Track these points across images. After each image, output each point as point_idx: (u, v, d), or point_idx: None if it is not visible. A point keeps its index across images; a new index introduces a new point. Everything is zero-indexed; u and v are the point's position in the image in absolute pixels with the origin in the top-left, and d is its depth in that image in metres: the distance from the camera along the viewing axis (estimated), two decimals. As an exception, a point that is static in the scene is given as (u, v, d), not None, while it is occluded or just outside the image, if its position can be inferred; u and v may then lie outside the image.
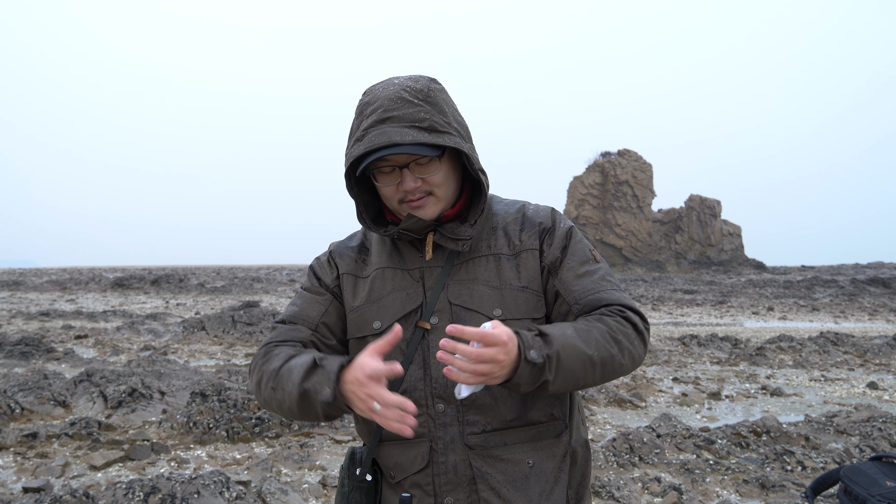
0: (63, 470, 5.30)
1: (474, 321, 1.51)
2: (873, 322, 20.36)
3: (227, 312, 16.12)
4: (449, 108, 1.54)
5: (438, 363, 1.51)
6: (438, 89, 1.54)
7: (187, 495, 4.20)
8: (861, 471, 2.71)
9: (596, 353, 1.44)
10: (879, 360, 11.59)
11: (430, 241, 1.59)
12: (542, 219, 1.63)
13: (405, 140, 1.44)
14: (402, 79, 1.54)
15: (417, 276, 1.58)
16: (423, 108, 1.48)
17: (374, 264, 1.64)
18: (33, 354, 11.38)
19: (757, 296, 30.03)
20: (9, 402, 6.89)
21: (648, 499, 4.70)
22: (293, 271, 49.27)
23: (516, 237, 1.60)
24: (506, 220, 1.64)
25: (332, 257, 1.70)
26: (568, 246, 1.60)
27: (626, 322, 1.51)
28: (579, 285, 1.55)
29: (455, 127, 1.52)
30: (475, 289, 1.55)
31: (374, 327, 1.58)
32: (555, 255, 1.58)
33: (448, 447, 1.51)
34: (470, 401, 1.51)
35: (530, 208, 1.67)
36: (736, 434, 6.14)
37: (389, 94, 1.49)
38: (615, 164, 57.53)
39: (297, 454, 5.61)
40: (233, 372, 9.53)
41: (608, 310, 1.52)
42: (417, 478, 1.53)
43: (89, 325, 17.75)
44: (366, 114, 1.50)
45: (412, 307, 1.56)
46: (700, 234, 58.01)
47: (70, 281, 40.84)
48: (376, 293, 1.60)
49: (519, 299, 1.55)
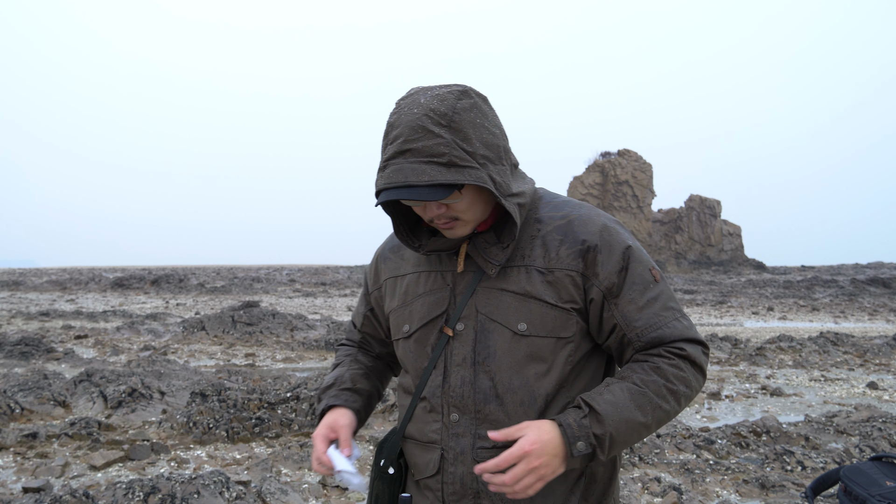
0: (63, 470, 5.30)
1: (497, 334, 1.50)
2: (873, 322, 20.36)
3: (226, 312, 16.12)
4: (476, 132, 1.44)
5: (458, 371, 1.52)
6: (466, 107, 1.44)
7: (187, 495, 4.20)
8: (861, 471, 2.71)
9: (651, 417, 1.43)
10: (879, 360, 11.59)
11: (464, 252, 1.56)
12: (588, 236, 1.51)
13: (420, 181, 1.39)
14: (428, 97, 1.44)
15: (449, 279, 1.57)
16: (442, 141, 1.40)
17: (411, 264, 1.65)
18: (33, 354, 11.38)
19: (757, 296, 30.04)
20: (9, 402, 6.89)
21: (648, 499, 4.70)
22: (293, 271, 49.27)
23: (554, 250, 1.51)
24: (548, 227, 1.54)
25: (377, 263, 1.75)
26: (627, 269, 1.50)
27: (685, 362, 1.46)
28: (641, 320, 1.48)
29: (481, 155, 1.43)
30: (503, 299, 1.51)
31: (403, 331, 1.61)
32: (611, 281, 1.49)
33: (458, 458, 1.52)
34: (484, 414, 1.50)
35: (578, 219, 1.54)
36: (736, 434, 6.14)
37: (411, 121, 1.42)
38: (615, 164, 57.53)
39: (297, 454, 5.61)
40: (233, 372, 9.53)
41: (667, 350, 1.47)
42: (430, 482, 1.56)
43: (89, 325, 17.75)
44: (389, 139, 1.45)
45: (438, 312, 1.56)
46: (700, 234, 58.01)
47: (70, 281, 40.85)
48: (409, 296, 1.62)
49: (546, 316, 1.49)
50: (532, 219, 1.56)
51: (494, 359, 1.49)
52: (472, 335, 1.52)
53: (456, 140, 1.41)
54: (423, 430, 1.56)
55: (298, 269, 51.84)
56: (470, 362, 1.51)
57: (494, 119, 1.51)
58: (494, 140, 1.47)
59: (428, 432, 1.55)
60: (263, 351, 12.91)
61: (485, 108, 1.49)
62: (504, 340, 1.49)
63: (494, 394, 1.49)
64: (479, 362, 1.50)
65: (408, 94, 1.49)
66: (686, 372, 1.46)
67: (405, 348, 1.61)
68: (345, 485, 1.56)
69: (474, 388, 1.50)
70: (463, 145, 1.41)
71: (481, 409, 1.50)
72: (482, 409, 1.50)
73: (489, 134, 1.46)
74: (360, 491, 1.56)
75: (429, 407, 1.56)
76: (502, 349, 1.49)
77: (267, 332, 14.88)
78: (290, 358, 11.96)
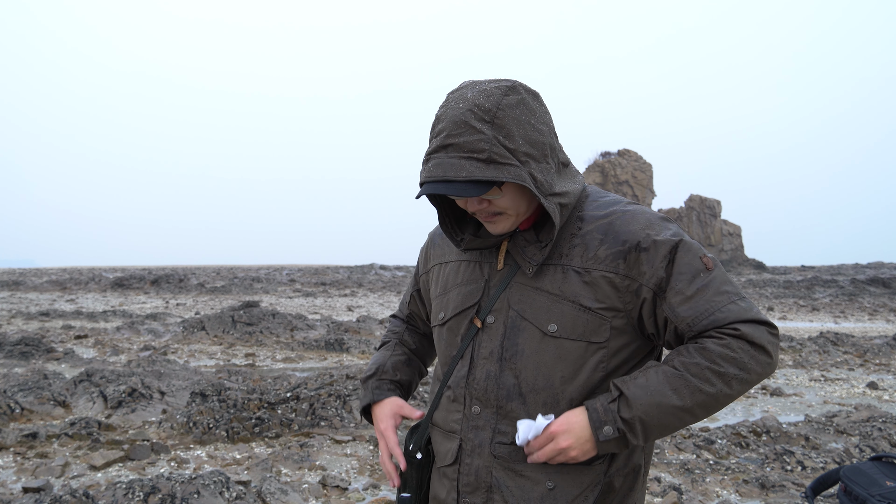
0: (63, 470, 5.30)
1: (527, 333, 1.49)
2: (873, 322, 20.37)
3: (226, 312, 16.12)
4: (520, 129, 1.42)
5: (483, 364, 1.53)
6: (511, 104, 1.43)
7: (187, 495, 4.20)
8: (861, 471, 2.71)
9: (690, 400, 1.37)
10: (879, 360, 11.59)
11: (504, 250, 1.56)
12: (629, 235, 1.46)
13: (458, 176, 1.39)
14: (475, 92, 1.44)
15: (486, 271, 1.59)
16: (484, 137, 1.39)
17: (457, 252, 1.68)
18: (33, 354, 11.38)
19: (757, 296, 30.03)
20: (9, 402, 6.89)
21: (648, 499, 4.70)
22: (293, 271, 49.27)
23: (593, 250, 1.47)
24: (589, 226, 1.50)
25: (428, 247, 1.80)
26: (674, 261, 1.44)
27: (738, 341, 1.38)
28: (690, 310, 1.41)
29: (523, 152, 1.42)
30: (536, 298, 1.49)
31: (439, 318, 1.65)
32: (658, 277, 1.43)
33: (475, 450, 1.53)
34: (506, 411, 1.51)
35: (621, 217, 1.50)
36: (736, 434, 6.14)
37: (455, 116, 1.41)
38: (615, 164, 57.53)
39: (297, 454, 5.61)
40: (233, 372, 9.53)
41: (718, 331, 1.39)
42: (448, 470, 1.57)
43: (89, 325, 17.75)
44: (434, 132, 1.45)
45: (470, 303, 1.58)
46: (700, 234, 58.01)
47: (70, 281, 40.85)
48: (448, 285, 1.65)
49: (578, 319, 1.45)
50: (575, 217, 1.53)
51: (521, 357, 1.49)
52: (502, 330, 1.52)
53: (498, 136, 1.40)
54: (446, 418, 1.59)
55: (298, 269, 51.84)
56: (497, 357, 1.52)
57: (543, 116, 1.48)
58: (540, 137, 1.45)
59: (450, 421, 1.57)
60: (263, 351, 12.91)
61: (533, 105, 1.46)
62: (533, 340, 1.48)
63: (518, 392, 1.49)
64: (505, 358, 1.51)
65: (458, 88, 1.49)
66: (738, 353, 1.37)
67: (439, 336, 1.65)
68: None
69: (498, 383, 1.51)
70: (504, 142, 1.40)
71: (503, 405, 1.50)
72: (504, 406, 1.50)
73: (534, 131, 1.44)
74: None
75: (452, 396, 1.57)
76: (530, 349, 1.49)
77: (267, 332, 14.88)
78: (290, 358, 11.96)
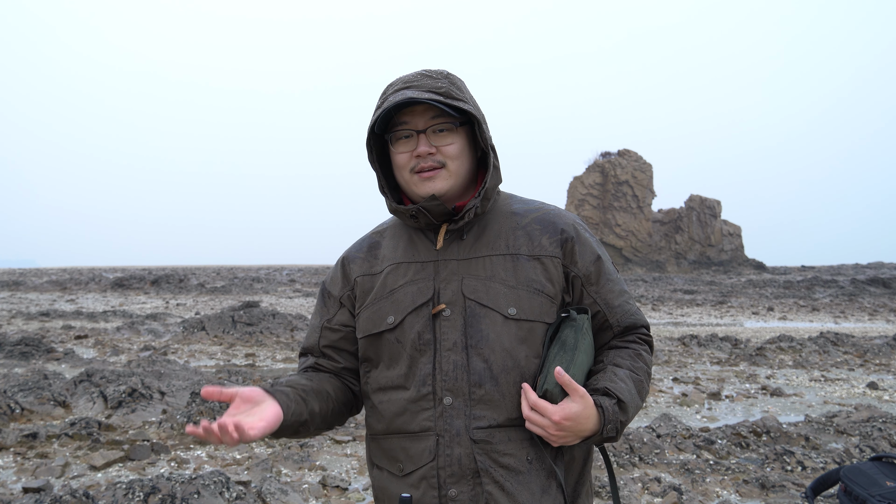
0: (63, 470, 5.30)
1: (489, 318, 1.55)
2: (873, 322, 20.37)
3: (227, 312, 16.12)
4: (467, 90, 1.62)
5: (449, 356, 1.54)
6: (458, 76, 1.64)
7: (187, 495, 4.21)
8: (861, 471, 2.71)
9: (643, 400, 1.62)
10: (879, 360, 11.59)
11: (444, 231, 1.61)
12: (565, 226, 1.64)
13: (422, 97, 1.51)
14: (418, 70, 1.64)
15: (431, 269, 1.60)
16: (442, 81, 1.57)
17: (388, 259, 1.66)
18: (33, 354, 11.38)
19: (757, 296, 30.04)
20: (9, 402, 6.89)
21: (648, 499, 4.70)
22: (293, 271, 49.28)
23: (537, 239, 1.62)
24: (526, 219, 1.65)
25: (344, 265, 1.73)
26: (600, 259, 1.65)
27: (650, 348, 1.68)
28: (620, 308, 1.65)
29: (472, 103, 1.59)
30: (491, 286, 1.57)
31: (388, 322, 1.60)
32: (588, 269, 1.62)
33: (454, 440, 1.53)
34: (478, 396, 1.53)
35: (552, 212, 1.68)
36: (736, 434, 6.14)
37: (409, 74, 1.61)
38: (615, 164, 57.54)
39: (297, 454, 5.61)
40: (233, 372, 9.53)
41: (639, 336, 1.66)
42: (424, 470, 1.55)
43: (89, 326, 17.75)
44: (387, 91, 1.60)
45: (423, 300, 1.58)
46: (700, 235, 58.02)
47: (70, 281, 40.84)
48: (389, 287, 1.62)
49: (534, 301, 1.57)
50: (508, 212, 1.67)
51: (487, 342, 1.54)
52: (461, 321, 1.55)
53: (452, 87, 1.58)
54: (414, 420, 1.56)
55: (298, 269, 51.85)
56: (461, 346, 1.54)
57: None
58: (481, 109, 1.63)
59: (420, 421, 1.55)
60: (263, 351, 12.91)
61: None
62: (496, 324, 1.55)
63: (490, 375, 1.53)
64: (471, 346, 1.54)
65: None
66: (651, 356, 1.68)
67: (388, 340, 1.60)
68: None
69: (468, 370, 1.53)
70: (458, 91, 1.58)
71: (475, 390, 1.53)
72: (476, 391, 1.53)
73: (477, 101, 1.64)
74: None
75: (418, 395, 1.56)
76: (495, 332, 1.54)
77: (267, 332, 14.88)
78: (291, 358, 11.96)
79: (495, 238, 1.61)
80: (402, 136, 1.58)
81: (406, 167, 1.59)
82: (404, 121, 1.57)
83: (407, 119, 1.57)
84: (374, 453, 1.66)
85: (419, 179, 1.58)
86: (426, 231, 1.64)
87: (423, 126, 1.57)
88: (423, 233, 1.65)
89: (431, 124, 1.56)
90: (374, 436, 1.65)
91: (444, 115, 1.56)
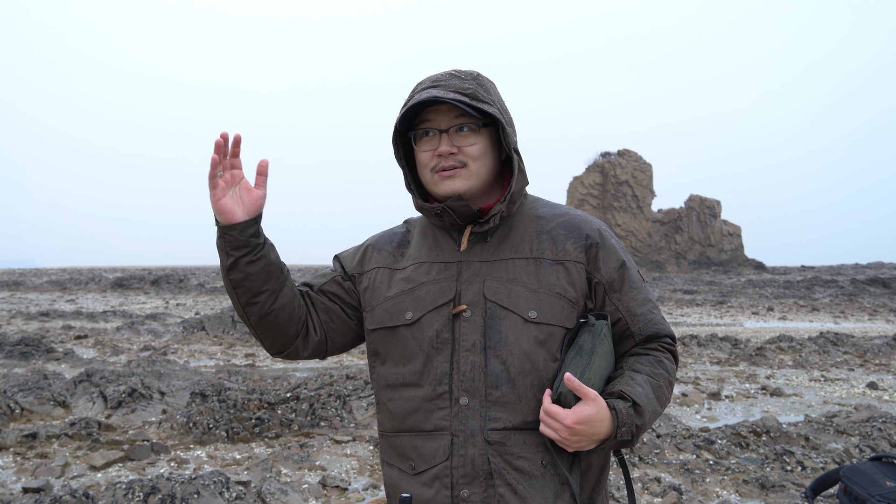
0: (63, 470, 5.30)
1: (509, 320, 1.55)
2: (873, 322, 20.37)
3: (226, 312, 16.11)
4: (495, 92, 1.62)
5: (467, 356, 1.55)
6: (488, 78, 1.64)
7: (187, 495, 4.21)
8: (861, 471, 2.71)
9: (663, 407, 1.60)
10: (879, 360, 11.60)
11: (468, 232, 1.62)
12: (590, 231, 1.64)
13: (447, 97, 1.53)
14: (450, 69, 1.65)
15: (454, 270, 1.61)
16: (469, 83, 1.58)
17: (413, 258, 1.67)
18: (33, 354, 11.38)
19: (757, 296, 30.03)
20: (9, 402, 6.89)
21: (648, 499, 4.70)
22: (293, 271, 49.22)
23: (561, 244, 1.62)
24: (551, 223, 1.65)
25: (368, 251, 1.75)
26: (625, 266, 1.64)
27: (674, 358, 1.66)
28: (643, 316, 1.63)
29: (498, 106, 1.60)
30: (513, 289, 1.57)
31: (406, 318, 1.61)
32: (611, 276, 1.62)
33: (468, 440, 1.53)
34: (494, 397, 1.53)
35: (578, 217, 1.68)
36: (736, 434, 6.14)
37: (439, 73, 1.62)
38: (615, 164, 57.54)
39: (297, 454, 5.62)
40: (233, 372, 9.53)
41: (662, 345, 1.65)
42: (438, 469, 1.55)
43: (89, 326, 17.75)
44: (415, 89, 1.61)
45: (444, 300, 1.58)
46: (700, 235, 58.03)
47: (70, 281, 40.84)
48: (412, 283, 1.63)
49: (555, 306, 1.56)
50: (534, 215, 1.67)
51: (506, 344, 1.54)
52: (481, 322, 1.55)
53: (479, 88, 1.58)
54: (428, 419, 1.56)
55: (298, 270, 51.84)
56: (480, 347, 1.55)
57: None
58: (508, 111, 1.64)
59: (435, 420, 1.55)
60: (263, 351, 12.91)
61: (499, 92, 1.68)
62: (515, 327, 1.55)
63: (507, 377, 1.53)
64: (489, 347, 1.54)
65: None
66: (674, 364, 1.66)
67: (403, 335, 1.61)
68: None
69: (485, 372, 1.53)
70: (485, 93, 1.59)
71: (492, 391, 1.53)
72: (493, 393, 1.53)
73: (505, 104, 1.65)
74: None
75: (434, 394, 1.56)
76: (514, 335, 1.54)
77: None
78: (290, 358, 11.97)
79: (519, 241, 1.62)
80: (425, 134, 1.61)
81: (428, 165, 1.60)
82: (428, 118, 1.60)
83: (431, 117, 1.59)
84: (385, 451, 1.66)
85: (439, 178, 1.59)
86: (450, 231, 1.65)
87: (445, 125, 1.58)
88: (447, 233, 1.66)
89: (454, 124, 1.58)
90: (384, 433, 1.66)
91: (466, 116, 1.57)
